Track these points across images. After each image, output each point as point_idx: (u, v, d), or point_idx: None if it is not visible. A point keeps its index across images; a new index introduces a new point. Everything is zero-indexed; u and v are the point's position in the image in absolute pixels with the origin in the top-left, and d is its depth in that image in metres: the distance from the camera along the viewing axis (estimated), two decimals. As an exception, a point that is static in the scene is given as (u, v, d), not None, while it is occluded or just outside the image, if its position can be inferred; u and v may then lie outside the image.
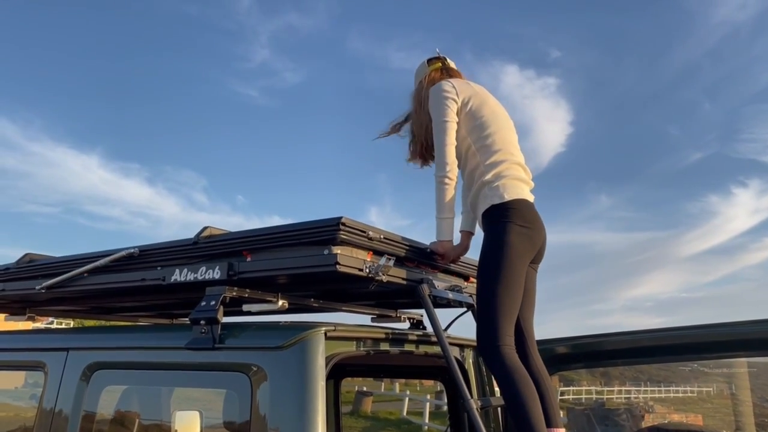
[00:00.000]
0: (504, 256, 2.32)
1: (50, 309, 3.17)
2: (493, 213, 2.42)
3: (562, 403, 10.81)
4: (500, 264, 2.31)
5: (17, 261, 2.68)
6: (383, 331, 2.28)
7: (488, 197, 2.44)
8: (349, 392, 15.65)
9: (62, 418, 2.18)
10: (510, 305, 2.30)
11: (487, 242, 2.40)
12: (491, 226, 2.42)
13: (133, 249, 2.27)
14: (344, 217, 1.94)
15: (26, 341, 2.60)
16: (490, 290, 2.30)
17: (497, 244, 2.35)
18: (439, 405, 15.62)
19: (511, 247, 2.34)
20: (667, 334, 2.64)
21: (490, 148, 2.52)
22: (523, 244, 2.38)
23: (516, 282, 2.33)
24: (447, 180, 2.49)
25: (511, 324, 2.30)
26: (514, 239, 2.35)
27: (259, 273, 2.03)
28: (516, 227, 2.37)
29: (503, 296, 2.29)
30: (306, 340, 1.83)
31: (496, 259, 2.32)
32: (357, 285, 2.22)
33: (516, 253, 2.34)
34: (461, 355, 2.71)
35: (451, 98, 2.56)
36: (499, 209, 2.40)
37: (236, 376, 1.88)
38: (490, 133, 2.54)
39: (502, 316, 2.27)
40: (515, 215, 2.40)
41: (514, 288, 2.32)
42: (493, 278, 2.30)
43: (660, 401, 7.88)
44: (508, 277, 2.31)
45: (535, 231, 2.44)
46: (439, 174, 2.50)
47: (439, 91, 2.59)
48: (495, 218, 2.41)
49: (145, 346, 2.19)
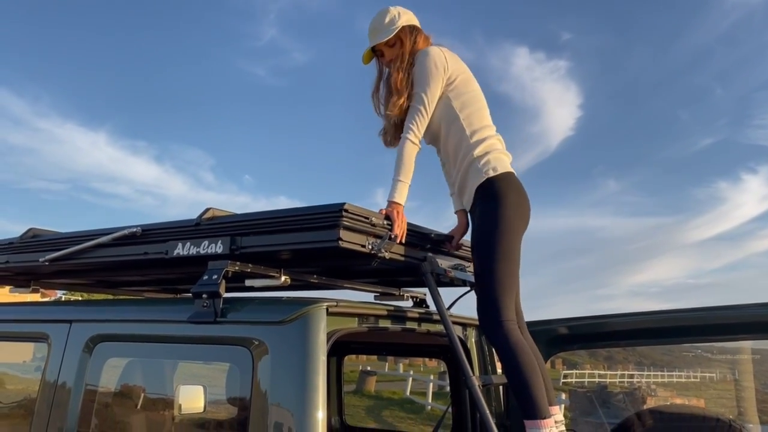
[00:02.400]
0: (502, 230, 2.30)
1: (54, 282, 3.18)
2: (486, 188, 2.39)
3: (564, 385, 10.86)
4: (499, 239, 2.29)
5: (21, 235, 2.69)
6: (385, 308, 2.28)
7: (480, 172, 2.40)
8: (353, 371, 15.77)
9: (65, 390, 2.19)
10: (511, 280, 2.30)
11: (483, 218, 2.37)
12: (486, 201, 2.38)
13: (136, 228, 2.27)
14: (347, 204, 1.93)
15: (30, 313, 2.61)
16: (490, 266, 2.28)
17: (494, 218, 2.32)
18: (442, 385, 15.72)
19: (508, 221, 2.33)
20: (669, 316, 2.63)
21: (477, 123, 2.49)
22: (519, 218, 2.38)
23: (515, 256, 2.33)
24: (415, 143, 2.43)
25: (512, 299, 2.30)
26: (510, 213, 2.34)
27: (262, 248, 2.03)
28: (511, 201, 2.37)
29: (503, 271, 2.28)
30: (307, 315, 1.83)
31: (494, 235, 2.30)
32: (359, 262, 2.21)
33: (513, 227, 2.34)
34: (464, 334, 2.71)
35: (441, 69, 2.47)
36: (493, 184, 2.38)
37: (238, 350, 1.88)
38: (478, 109, 2.52)
39: (504, 291, 2.26)
40: (509, 188, 2.39)
41: (513, 262, 2.32)
42: (493, 254, 2.29)
43: (662, 385, 7.91)
44: (508, 251, 2.30)
45: (527, 203, 2.44)
46: (410, 136, 2.42)
47: (433, 55, 2.48)
48: (489, 193, 2.38)
49: (147, 319, 2.20)
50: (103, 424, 2.18)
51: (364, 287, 2.88)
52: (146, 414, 2.25)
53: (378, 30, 2.57)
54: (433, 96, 2.45)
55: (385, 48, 2.58)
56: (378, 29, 2.57)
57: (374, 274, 2.75)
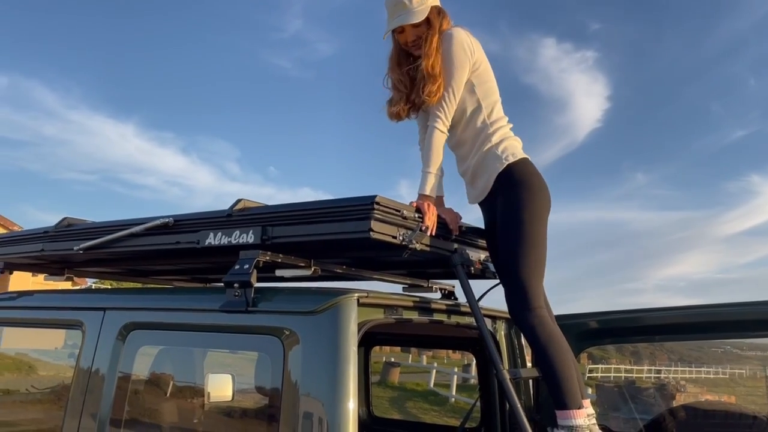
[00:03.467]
0: (530, 216, 2.28)
1: (88, 270, 3.23)
2: (508, 174, 2.36)
3: (590, 380, 10.76)
4: (527, 225, 2.27)
5: (56, 224, 2.73)
6: (415, 299, 2.27)
7: (499, 158, 2.38)
8: (377, 363, 15.82)
9: (99, 377, 2.23)
10: (540, 267, 2.28)
11: (508, 204, 2.33)
12: (509, 188, 2.35)
13: (168, 218, 2.29)
14: (378, 196, 1.92)
15: (65, 300, 2.65)
16: (519, 253, 2.25)
17: (520, 205, 2.30)
18: (465, 378, 15.71)
19: (535, 206, 2.31)
20: (703, 311, 2.58)
21: (497, 113, 2.48)
22: (544, 203, 2.36)
23: (542, 242, 2.30)
24: (444, 132, 2.40)
25: (542, 286, 2.28)
26: (537, 198, 2.33)
27: (293, 238, 2.03)
28: (535, 186, 2.35)
29: (533, 258, 2.26)
30: (338, 306, 1.83)
31: (521, 221, 2.28)
32: (389, 253, 2.21)
33: (540, 213, 2.32)
34: (493, 327, 2.69)
35: (469, 54, 2.43)
36: (514, 170, 2.36)
37: (269, 339, 1.89)
38: (497, 99, 2.51)
39: (534, 278, 2.24)
40: (532, 174, 2.38)
41: (542, 248, 2.30)
42: (521, 240, 2.26)
43: (691, 381, 7.77)
44: (536, 237, 2.28)
45: (548, 188, 2.41)
46: (439, 125, 2.38)
47: (461, 41, 2.42)
48: (511, 179, 2.35)
49: (179, 308, 2.21)
50: (134, 410, 2.21)
51: (392, 279, 2.87)
52: (176, 401, 2.28)
53: (403, 7, 2.44)
54: (460, 82, 2.41)
55: (408, 26, 2.47)
56: (403, 6, 2.44)
57: (403, 266, 2.74)
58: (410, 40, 2.49)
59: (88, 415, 2.20)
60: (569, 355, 2.19)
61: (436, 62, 2.39)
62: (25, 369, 3.42)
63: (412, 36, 2.47)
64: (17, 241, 2.86)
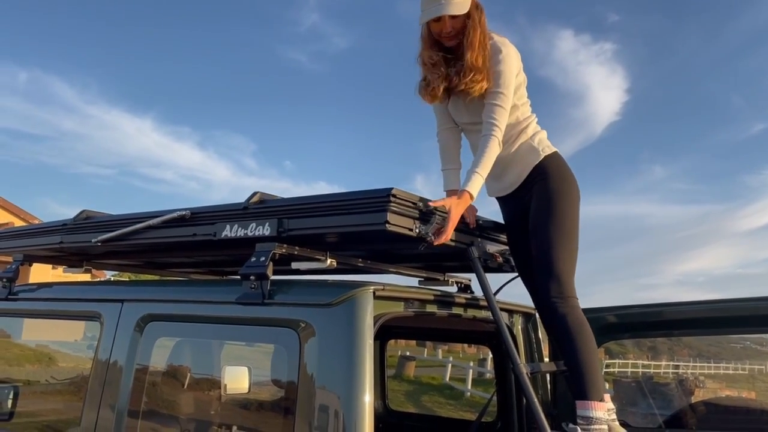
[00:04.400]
0: (566, 207, 2.35)
1: (106, 262, 3.26)
2: (544, 166, 2.43)
3: (607, 375, 10.70)
4: (565, 215, 2.34)
5: (74, 217, 2.75)
6: (432, 292, 2.26)
7: (536, 151, 2.45)
8: (393, 356, 15.83)
9: (117, 368, 2.24)
10: (574, 257, 2.33)
11: (545, 196, 2.39)
12: (546, 179, 2.41)
13: (185, 211, 2.30)
14: (395, 189, 1.91)
15: (84, 292, 2.68)
16: (557, 242, 2.30)
17: (558, 196, 2.37)
18: (481, 372, 15.68)
19: (570, 198, 2.38)
20: (723, 306, 2.55)
21: (527, 113, 2.54)
22: (577, 194, 2.43)
23: (576, 233, 2.36)
24: (501, 144, 2.38)
25: (574, 277, 2.32)
26: (572, 190, 2.40)
27: (309, 231, 2.03)
28: (569, 178, 2.43)
29: (568, 248, 2.31)
30: (355, 298, 1.82)
31: (560, 211, 2.34)
32: (406, 246, 2.20)
33: (574, 205, 2.39)
34: (510, 321, 2.67)
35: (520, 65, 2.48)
36: (553, 161, 2.44)
37: (285, 332, 1.89)
38: (527, 102, 2.56)
39: (569, 268, 2.30)
40: (566, 166, 2.47)
41: (575, 239, 2.35)
42: (560, 230, 2.32)
43: (710, 377, 7.69)
44: (571, 228, 2.34)
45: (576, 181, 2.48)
46: (499, 135, 2.35)
47: (514, 53, 2.44)
48: (548, 171, 2.42)
49: (196, 300, 2.22)
50: (152, 402, 2.22)
51: (408, 272, 2.87)
52: (193, 393, 2.29)
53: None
54: (512, 93, 2.42)
55: (447, 16, 2.38)
56: None
57: (419, 259, 2.73)
58: (446, 31, 2.42)
59: (106, 406, 2.22)
60: (595, 347, 2.22)
61: (479, 55, 2.36)
62: (45, 360, 3.46)
63: (449, 27, 2.40)
64: (36, 233, 2.89)
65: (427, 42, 2.51)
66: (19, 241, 2.95)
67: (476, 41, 2.37)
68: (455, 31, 2.41)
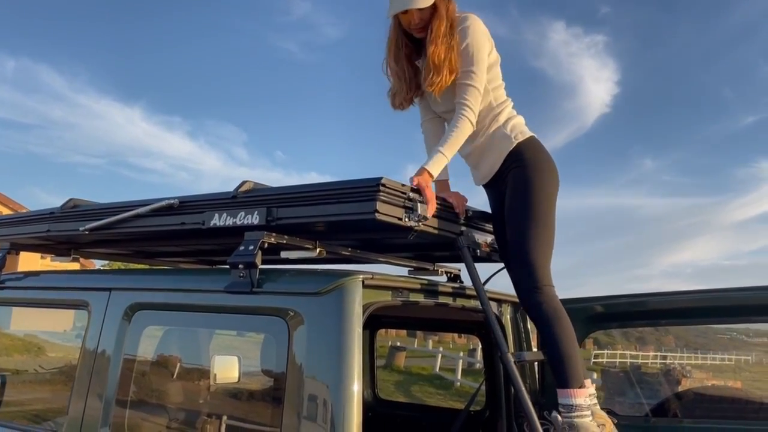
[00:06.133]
0: (540, 195, 2.29)
1: (94, 251, 3.24)
2: (517, 153, 2.36)
3: (595, 365, 10.79)
4: (539, 204, 2.28)
5: (62, 205, 2.73)
6: (420, 281, 2.26)
7: (508, 138, 2.38)
8: (383, 347, 15.88)
9: (104, 357, 2.24)
10: (550, 245, 2.28)
11: (518, 183, 2.33)
12: (519, 167, 2.34)
13: (173, 200, 2.29)
14: (384, 178, 1.90)
15: (71, 281, 2.66)
16: (530, 232, 2.25)
17: (531, 183, 2.30)
18: (471, 362, 15.76)
19: (545, 185, 2.32)
20: (709, 296, 2.57)
21: (501, 97, 2.46)
22: (554, 182, 2.37)
23: (553, 221, 2.31)
24: (473, 124, 2.33)
25: (550, 265, 2.28)
26: (547, 177, 2.34)
27: (298, 219, 2.02)
28: (545, 165, 2.36)
29: (543, 237, 2.26)
30: (343, 287, 1.82)
31: (532, 200, 2.28)
32: (395, 235, 2.19)
33: (550, 192, 2.33)
34: (499, 310, 2.68)
35: (488, 40, 2.39)
36: (524, 148, 2.36)
37: (273, 320, 1.89)
38: (501, 85, 2.48)
39: (544, 257, 2.25)
40: (541, 151, 2.40)
41: (551, 227, 2.30)
42: (533, 219, 2.26)
43: (696, 367, 7.78)
44: (546, 216, 2.29)
45: (556, 167, 2.41)
46: (471, 116, 2.30)
47: (482, 30, 2.38)
48: (521, 158, 2.35)
49: (184, 288, 2.21)
50: (140, 391, 2.22)
51: (398, 261, 2.87)
52: (182, 382, 2.29)
53: None
54: (485, 68, 2.36)
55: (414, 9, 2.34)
56: None
57: (408, 249, 2.73)
58: (415, 23, 2.39)
59: (94, 396, 2.21)
60: (573, 334, 2.19)
61: (441, 51, 2.30)
62: (34, 350, 3.45)
63: (417, 19, 2.37)
64: (24, 221, 2.86)
65: (394, 41, 2.48)
66: (6, 230, 2.93)
67: (440, 35, 2.32)
68: (424, 23, 2.37)
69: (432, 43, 2.32)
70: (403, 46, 2.48)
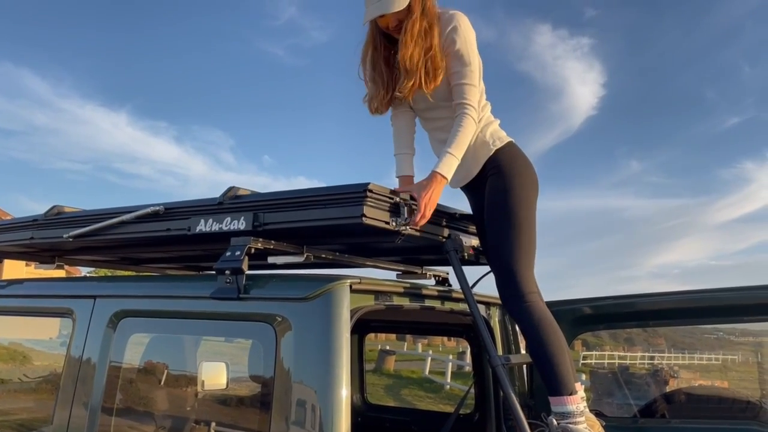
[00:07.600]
0: (520, 200, 2.27)
1: (78, 258, 3.21)
2: (496, 159, 2.34)
3: (584, 366, 10.83)
4: (517, 211, 2.25)
5: (45, 212, 2.70)
6: (408, 286, 2.26)
7: (487, 144, 2.36)
8: (372, 351, 15.86)
9: (90, 365, 2.21)
10: (531, 251, 2.26)
11: (497, 189, 2.31)
12: (498, 173, 2.33)
13: (159, 206, 2.27)
14: (371, 183, 1.90)
15: (55, 288, 2.63)
16: (510, 239, 2.23)
17: (510, 189, 2.28)
18: (461, 365, 15.77)
19: (524, 190, 2.29)
20: (696, 296, 2.58)
21: (482, 100, 2.42)
22: (533, 187, 2.34)
23: (533, 227, 2.29)
24: (477, 123, 2.31)
25: (533, 271, 2.26)
26: (526, 182, 2.32)
27: (285, 225, 2.01)
28: (523, 170, 2.34)
29: (524, 243, 2.23)
30: (331, 292, 1.81)
31: (512, 205, 2.26)
32: (383, 239, 2.19)
33: (529, 197, 2.30)
34: (487, 313, 2.68)
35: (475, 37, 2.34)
36: (502, 154, 2.34)
37: (261, 326, 1.88)
38: (482, 88, 2.45)
39: (525, 263, 2.22)
40: (519, 157, 2.37)
41: (532, 233, 2.28)
42: (512, 226, 2.24)
43: (684, 367, 7.83)
44: (527, 222, 2.26)
45: (535, 172, 2.39)
46: (474, 115, 2.28)
47: (470, 24, 2.33)
48: (500, 164, 2.33)
49: (170, 295, 2.20)
50: (126, 399, 2.19)
51: (386, 265, 2.86)
52: (169, 390, 2.27)
53: None
54: (478, 68, 2.33)
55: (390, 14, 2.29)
56: None
57: (397, 253, 2.73)
58: (392, 26, 2.34)
59: (79, 404, 2.18)
60: (561, 340, 2.17)
61: (414, 52, 2.25)
62: (18, 359, 3.40)
63: (394, 21, 2.32)
64: (6, 229, 2.83)
65: (371, 43, 2.44)
66: (-11, 238, 2.89)
67: (414, 35, 2.26)
68: (402, 24, 2.31)
69: (403, 47, 2.27)
70: (381, 48, 2.43)
